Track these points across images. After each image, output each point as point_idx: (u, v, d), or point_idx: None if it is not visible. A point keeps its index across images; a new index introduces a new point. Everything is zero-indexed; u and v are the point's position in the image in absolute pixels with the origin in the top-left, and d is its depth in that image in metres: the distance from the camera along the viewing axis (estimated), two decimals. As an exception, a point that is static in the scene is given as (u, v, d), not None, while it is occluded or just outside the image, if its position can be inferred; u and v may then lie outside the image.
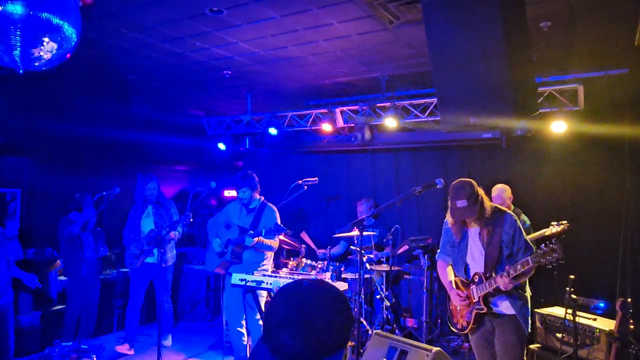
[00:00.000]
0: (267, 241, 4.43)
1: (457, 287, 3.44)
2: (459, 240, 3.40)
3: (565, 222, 4.51)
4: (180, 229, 5.45)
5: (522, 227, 3.27)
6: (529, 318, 3.28)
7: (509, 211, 3.35)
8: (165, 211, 5.54)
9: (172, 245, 5.59)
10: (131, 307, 5.46)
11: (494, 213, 3.26)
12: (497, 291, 3.17)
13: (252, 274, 4.09)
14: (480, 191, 3.25)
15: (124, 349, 5.35)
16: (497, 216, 3.25)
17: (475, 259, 3.33)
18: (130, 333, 5.43)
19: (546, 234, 4.50)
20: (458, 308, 3.45)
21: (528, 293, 3.34)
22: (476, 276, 3.29)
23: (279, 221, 4.48)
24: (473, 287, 3.30)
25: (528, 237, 3.32)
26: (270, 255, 4.65)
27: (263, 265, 4.57)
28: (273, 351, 1.19)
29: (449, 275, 3.54)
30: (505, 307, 3.25)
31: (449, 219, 3.36)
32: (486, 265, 3.24)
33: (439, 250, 3.68)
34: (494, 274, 3.17)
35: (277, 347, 1.17)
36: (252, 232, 4.34)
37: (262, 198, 4.73)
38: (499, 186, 4.85)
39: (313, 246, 6.42)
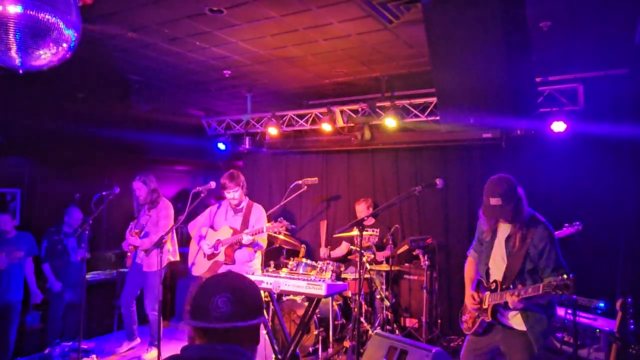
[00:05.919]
0: (260, 239, 4.50)
1: (477, 288, 3.17)
2: (488, 239, 3.12)
3: (579, 223, 4.36)
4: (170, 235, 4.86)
5: (556, 242, 2.89)
6: (543, 338, 2.88)
7: (545, 222, 2.95)
8: (156, 213, 5.13)
9: (160, 249, 4.30)
10: (122, 305, 5.30)
11: (529, 220, 2.92)
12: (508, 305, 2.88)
13: (246, 272, 4.09)
14: (520, 191, 2.93)
15: (122, 348, 5.32)
16: (531, 224, 2.90)
17: (497, 264, 3.06)
18: (129, 331, 5.37)
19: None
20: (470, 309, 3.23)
21: (551, 310, 2.94)
22: (493, 283, 3.02)
23: (266, 220, 4.55)
24: (488, 293, 3.04)
25: None
26: (260, 254, 4.70)
27: (254, 263, 4.62)
28: (206, 315, 1.42)
29: (472, 272, 3.27)
30: (515, 321, 2.95)
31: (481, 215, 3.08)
32: (505, 275, 2.96)
33: (471, 247, 3.41)
34: (511, 287, 2.89)
35: (211, 310, 1.42)
36: (247, 230, 4.38)
37: (247, 198, 4.76)
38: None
39: (324, 239, 6.41)
